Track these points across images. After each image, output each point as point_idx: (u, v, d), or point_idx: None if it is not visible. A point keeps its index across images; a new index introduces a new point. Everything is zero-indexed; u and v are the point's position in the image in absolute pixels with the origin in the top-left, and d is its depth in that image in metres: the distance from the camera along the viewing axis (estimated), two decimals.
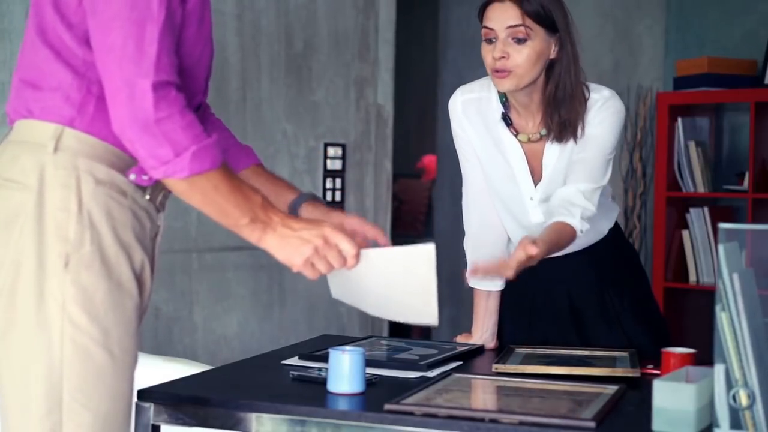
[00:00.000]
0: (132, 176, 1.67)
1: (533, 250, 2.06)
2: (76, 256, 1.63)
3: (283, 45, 4.13)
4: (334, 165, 4.35)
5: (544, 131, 2.33)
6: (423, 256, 1.77)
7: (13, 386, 1.65)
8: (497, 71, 2.24)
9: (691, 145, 4.46)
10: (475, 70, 2.29)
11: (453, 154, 2.54)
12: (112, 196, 1.67)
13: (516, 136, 2.35)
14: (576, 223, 2.24)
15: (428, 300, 1.79)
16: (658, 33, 4.87)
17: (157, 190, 1.75)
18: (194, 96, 1.77)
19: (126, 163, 1.69)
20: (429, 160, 7.02)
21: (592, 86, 2.33)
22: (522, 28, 2.21)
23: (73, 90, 1.66)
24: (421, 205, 7.02)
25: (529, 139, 2.34)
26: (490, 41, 2.25)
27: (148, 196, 1.73)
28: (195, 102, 1.79)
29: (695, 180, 4.46)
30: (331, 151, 4.33)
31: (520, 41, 2.21)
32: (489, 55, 2.25)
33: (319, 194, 4.30)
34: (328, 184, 4.32)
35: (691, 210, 4.50)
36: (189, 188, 1.64)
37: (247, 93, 3.99)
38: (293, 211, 1.96)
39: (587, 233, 2.35)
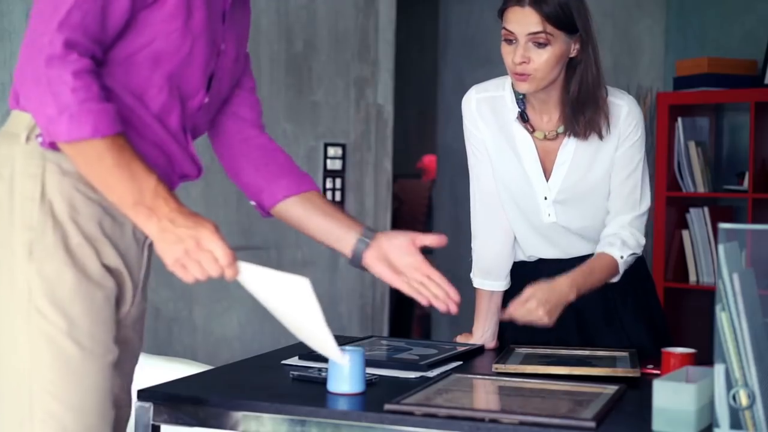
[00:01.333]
0: (39, 139, 1.64)
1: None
2: (39, 245, 1.62)
3: (283, 45, 4.13)
4: (334, 165, 4.35)
5: (561, 129, 2.33)
6: (298, 288, 1.63)
7: None
8: (517, 74, 2.24)
9: (691, 145, 4.46)
10: (475, 70, 2.30)
11: (453, 154, 2.55)
12: (79, 189, 1.66)
13: (532, 133, 2.35)
14: (615, 251, 2.34)
15: (323, 335, 1.69)
16: (658, 33, 4.87)
17: None
18: (189, 98, 1.74)
19: None
20: (429, 160, 7.02)
21: (610, 89, 2.34)
22: (543, 35, 2.20)
23: None
24: (421, 205, 7.02)
25: (545, 136, 2.35)
26: (510, 42, 2.24)
27: None
28: (194, 104, 1.76)
29: (695, 180, 4.46)
30: (331, 151, 4.33)
31: (540, 45, 2.21)
32: (509, 57, 2.24)
33: None
34: (328, 184, 4.33)
35: (691, 210, 4.50)
36: (74, 154, 1.58)
37: None
38: (357, 261, 1.93)
39: (599, 233, 2.41)
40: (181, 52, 1.70)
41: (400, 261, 1.92)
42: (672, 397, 1.64)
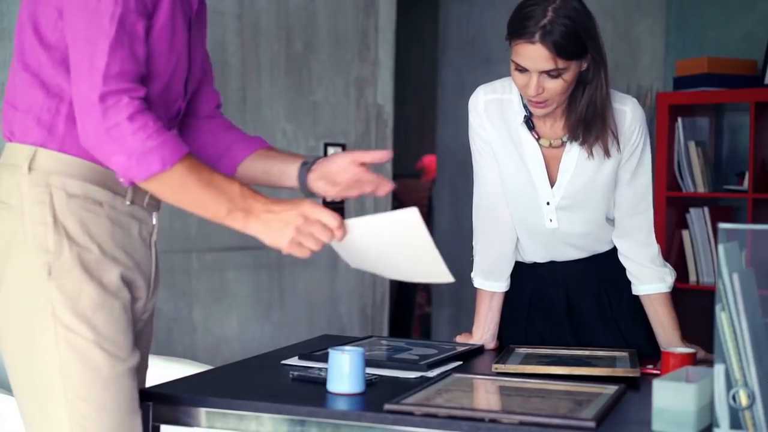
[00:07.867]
0: (122, 179, 1.73)
1: None
2: (57, 265, 1.72)
3: (283, 45, 4.13)
4: None
5: (566, 137, 2.32)
6: (408, 221, 1.73)
7: (22, 389, 1.76)
8: (533, 102, 2.22)
9: (691, 145, 4.46)
10: (474, 70, 2.29)
11: (453, 153, 2.54)
12: (87, 208, 1.75)
13: (538, 140, 2.34)
14: (669, 283, 2.54)
15: (433, 260, 1.78)
16: (658, 33, 4.87)
17: (140, 192, 1.82)
18: (171, 105, 1.84)
19: (101, 174, 1.76)
20: (429, 160, 7.02)
21: (614, 96, 2.31)
22: (555, 71, 2.16)
23: (43, 111, 1.75)
24: (421, 205, 7.02)
25: (550, 144, 2.33)
26: (521, 71, 2.20)
27: (128, 201, 1.81)
28: (173, 111, 1.86)
29: (695, 180, 4.46)
30: (331, 151, 4.33)
31: (553, 77, 2.18)
32: (521, 83, 2.21)
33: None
34: None
35: (691, 210, 4.50)
36: (158, 188, 1.69)
37: (247, 93, 3.99)
38: (304, 186, 1.97)
39: (595, 242, 2.42)
40: (169, 69, 1.79)
41: (341, 178, 1.96)
42: (672, 397, 1.64)
